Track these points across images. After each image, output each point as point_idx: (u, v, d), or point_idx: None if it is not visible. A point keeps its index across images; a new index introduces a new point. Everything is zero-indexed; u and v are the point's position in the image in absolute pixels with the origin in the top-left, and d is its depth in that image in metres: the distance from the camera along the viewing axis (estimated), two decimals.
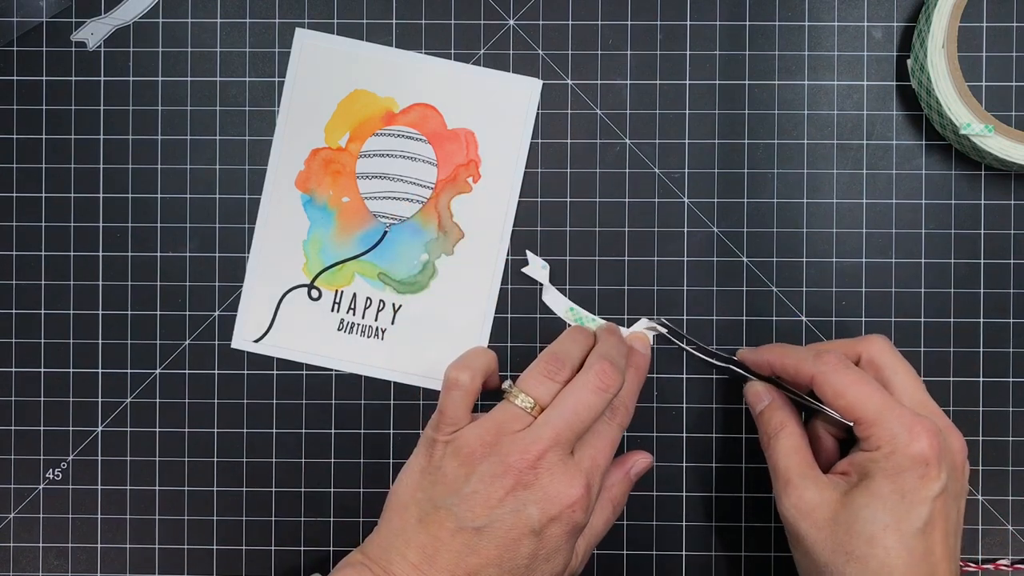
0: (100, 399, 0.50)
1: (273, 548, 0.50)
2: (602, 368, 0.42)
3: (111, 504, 0.50)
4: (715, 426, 0.49)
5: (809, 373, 0.42)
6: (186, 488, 0.50)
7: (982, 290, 0.49)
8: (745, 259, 0.49)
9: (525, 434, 0.41)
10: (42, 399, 0.50)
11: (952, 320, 0.49)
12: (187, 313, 0.50)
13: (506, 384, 0.43)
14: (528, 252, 0.49)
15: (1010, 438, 0.49)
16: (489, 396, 0.45)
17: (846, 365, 0.42)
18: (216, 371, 0.50)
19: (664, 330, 0.48)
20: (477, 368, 0.43)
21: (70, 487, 0.50)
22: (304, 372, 0.50)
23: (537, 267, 0.49)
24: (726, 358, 0.48)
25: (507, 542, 0.40)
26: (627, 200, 0.49)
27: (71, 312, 0.50)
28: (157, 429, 0.50)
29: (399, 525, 0.41)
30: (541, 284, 0.49)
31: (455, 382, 0.42)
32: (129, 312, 0.50)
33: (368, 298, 0.50)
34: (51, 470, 0.50)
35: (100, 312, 0.50)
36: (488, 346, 0.49)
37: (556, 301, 0.49)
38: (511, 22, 0.49)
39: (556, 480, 0.40)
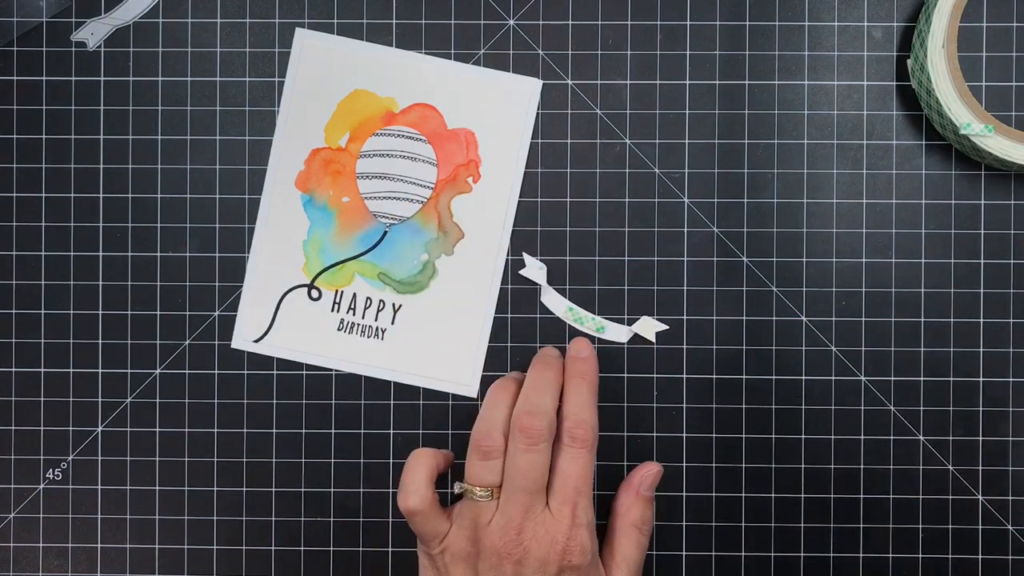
0: (100, 399, 0.50)
1: (273, 548, 0.50)
2: (522, 427, 0.43)
3: (111, 504, 0.50)
4: (715, 426, 0.49)
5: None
6: (186, 488, 0.50)
7: (982, 290, 0.49)
8: (745, 259, 0.49)
9: (497, 521, 0.43)
10: (42, 399, 0.50)
11: (952, 320, 0.49)
12: (187, 313, 0.50)
13: (457, 487, 0.44)
14: (525, 254, 0.49)
15: (1010, 438, 0.49)
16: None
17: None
18: (216, 371, 0.50)
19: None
20: (422, 485, 0.44)
21: (70, 487, 0.50)
22: (304, 372, 0.50)
23: (534, 268, 0.49)
24: None
25: None
26: (627, 200, 0.49)
27: (71, 312, 0.50)
28: (157, 429, 0.50)
29: None
30: (539, 285, 0.49)
31: (409, 512, 0.43)
32: (129, 312, 0.50)
33: (368, 298, 0.50)
34: (51, 470, 0.50)
35: (100, 312, 0.50)
36: (488, 346, 0.49)
37: (554, 302, 0.49)
38: (511, 22, 0.49)
39: (540, 540, 0.42)
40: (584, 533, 0.43)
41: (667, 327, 0.49)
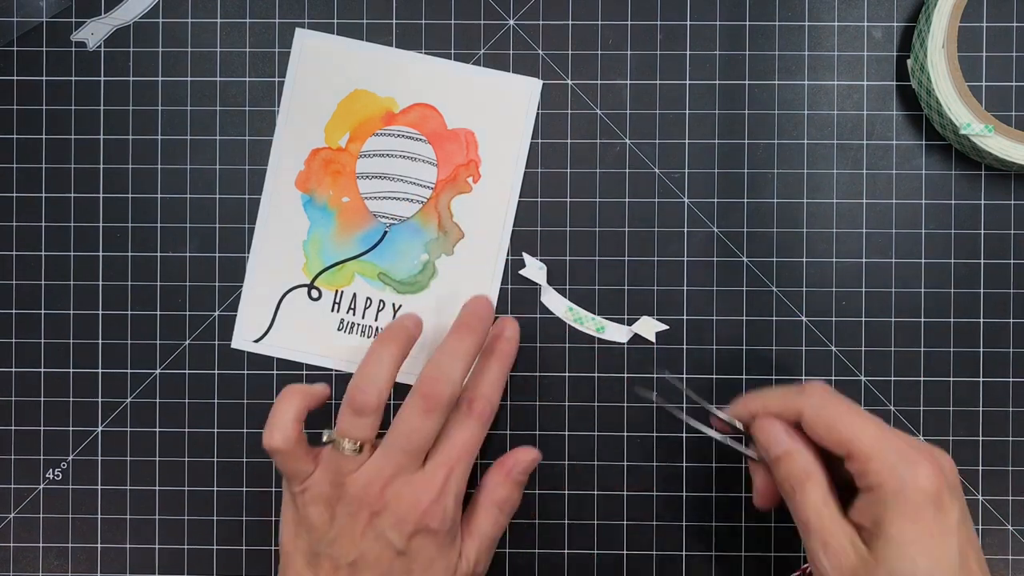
0: (100, 399, 0.50)
1: (273, 548, 0.50)
2: (424, 392, 0.42)
3: (111, 504, 0.50)
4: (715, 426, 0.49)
5: (797, 409, 0.40)
6: (186, 488, 0.50)
7: (982, 290, 0.49)
8: (745, 259, 0.49)
9: (366, 470, 0.42)
10: (42, 399, 0.50)
11: (952, 320, 0.49)
12: (187, 313, 0.50)
13: (325, 435, 0.43)
14: (524, 254, 0.49)
15: (1010, 438, 0.49)
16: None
17: (834, 395, 0.40)
18: (216, 371, 0.50)
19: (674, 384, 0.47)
20: (287, 423, 0.43)
21: (70, 487, 0.50)
22: (304, 372, 0.50)
23: (534, 268, 0.49)
24: (724, 421, 0.44)
25: (379, 568, 0.42)
26: (627, 200, 0.49)
27: (71, 312, 0.50)
28: (157, 429, 0.50)
29: (292, 572, 0.43)
30: (539, 285, 0.49)
31: (270, 449, 0.43)
32: (129, 312, 0.50)
33: (368, 298, 0.50)
34: (51, 470, 0.50)
35: (100, 312, 0.50)
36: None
37: (554, 302, 0.49)
38: (511, 22, 0.49)
39: (403, 498, 0.42)
40: (450, 501, 0.42)
41: (667, 327, 0.49)
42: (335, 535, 0.42)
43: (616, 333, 0.49)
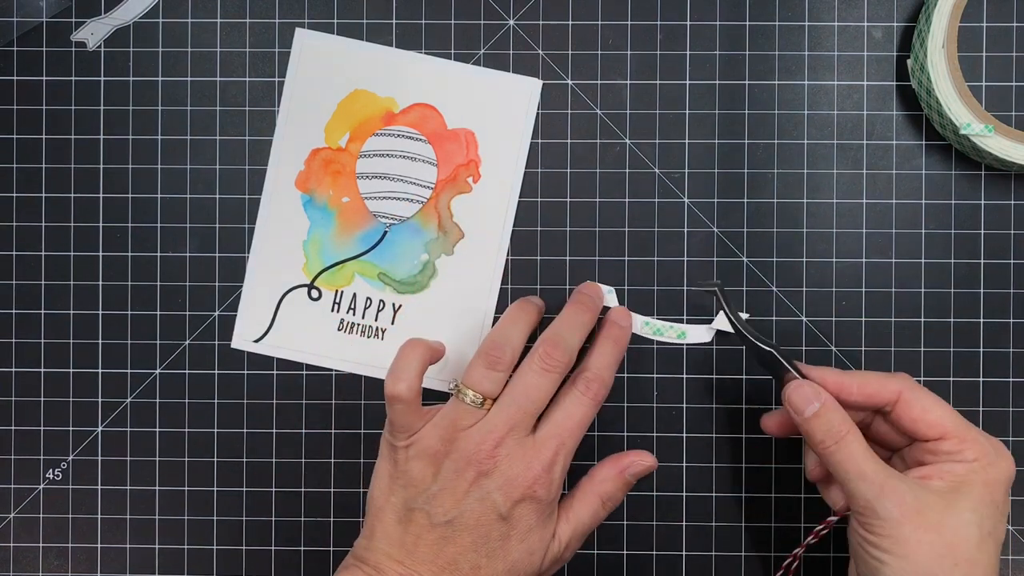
0: (100, 399, 0.50)
1: (273, 548, 0.50)
2: (545, 350, 0.44)
3: (111, 504, 0.50)
4: (715, 426, 0.49)
5: (896, 390, 0.42)
6: (186, 488, 0.50)
7: (982, 290, 0.49)
8: (745, 259, 0.49)
9: (480, 426, 0.43)
10: (42, 399, 0.50)
11: (952, 320, 0.49)
12: (187, 313, 0.50)
13: (451, 384, 0.44)
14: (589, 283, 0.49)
15: (1010, 438, 0.49)
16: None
17: (921, 386, 0.42)
18: (216, 371, 0.50)
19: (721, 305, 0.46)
20: (412, 374, 0.43)
21: (70, 487, 0.50)
22: (304, 372, 0.50)
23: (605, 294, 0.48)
24: (772, 345, 0.44)
25: (478, 529, 0.42)
26: (627, 200, 0.49)
27: (71, 312, 0.50)
28: (157, 429, 0.50)
29: (380, 528, 0.43)
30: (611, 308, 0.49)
31: (393, 397, 0.43)
32: (129, 312, 0.50)
33: (368, 298, 0.50)
34: (51, 470, 0.50)
35: (100, 312, 0.50)
36: None
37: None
38: (511, 22, 0.49)
39: (515, 463, 0.42)
40: (558, 473, 0.43)
41: (749, 315, 0.48)
42: (437, 491, 0.42)
43: (697, 335, 0.49)
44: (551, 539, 0.44)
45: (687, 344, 0.49)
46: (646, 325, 0.49)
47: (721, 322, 0.48)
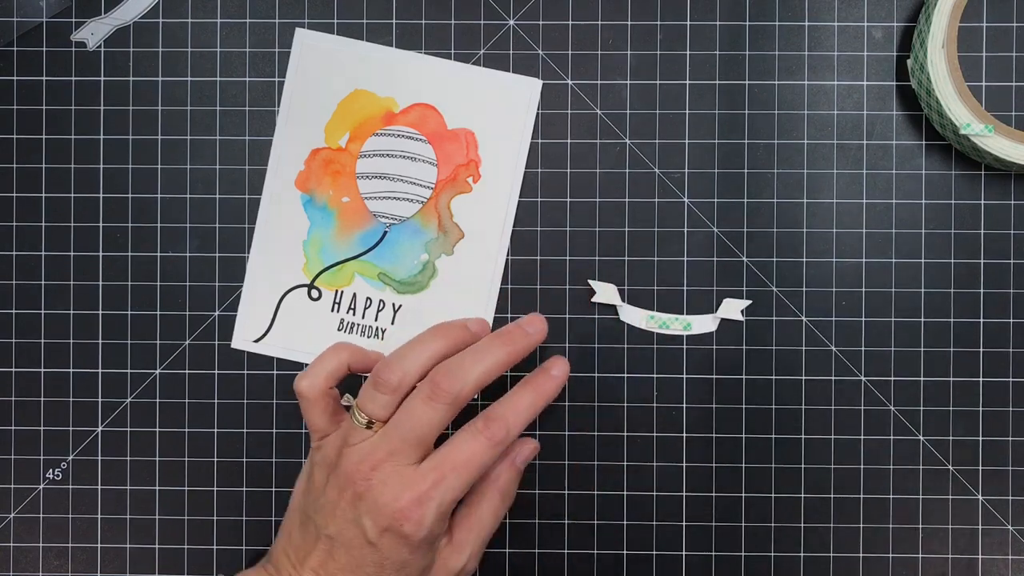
0: (100, 399, 0.50)
1: None
2: (435, 379, 0.42)
3: (111, 504, 0.50)
4: (715, 426, 0.49)
5: None
6: (186, 488, 0.50)
7: (982, 290, 0.49)
8: (745, 259, 0.49)
9: (361, 447, 0.42)
10: (42, 399, 0.50)
11: (952, 320, 0.49)
12: (187, 313, 0.50)
13: (345, 399, 0.45)
14: (591, 282, 0.48)
15: (1010, 438, 0.49)
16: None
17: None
18: (216, 371, 0.50)
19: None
20: (319, 374, 0.44)
21: (70, 487, 0.50)
22: None
23: (608, 292, 0.48)
24: None
25: (352, 552, 0.42)
26: (627, 200, 0.49)
27: (71, 312, 0.50)
28: (157, 429, 0.50)
29: (286, 529, 0.44)
30: (617, 305, 0.49)
31: (296, 390, 0.44)
32: (129, 312, 0.50)
33: (368, 298, 0.50)
34: (51, 470, 0.50)
35: (100, 312, 0.50)
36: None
37: (634, 316, 0.49)
38: (511, 22, 0.49)
39: (386, 490, 0.41)
40: (431, 509, 0.41)
41: (751, 301, 0.48)
42: (323, 503, 0.42)
43: (703, 325, 0.49)
44: (447, 552, 0.44)
45: (693, 334, 0.49)
46: (651, 319, 0.49)
47: (725, 311, 0.48)
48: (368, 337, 0.49)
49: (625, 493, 0.49)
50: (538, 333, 0.45)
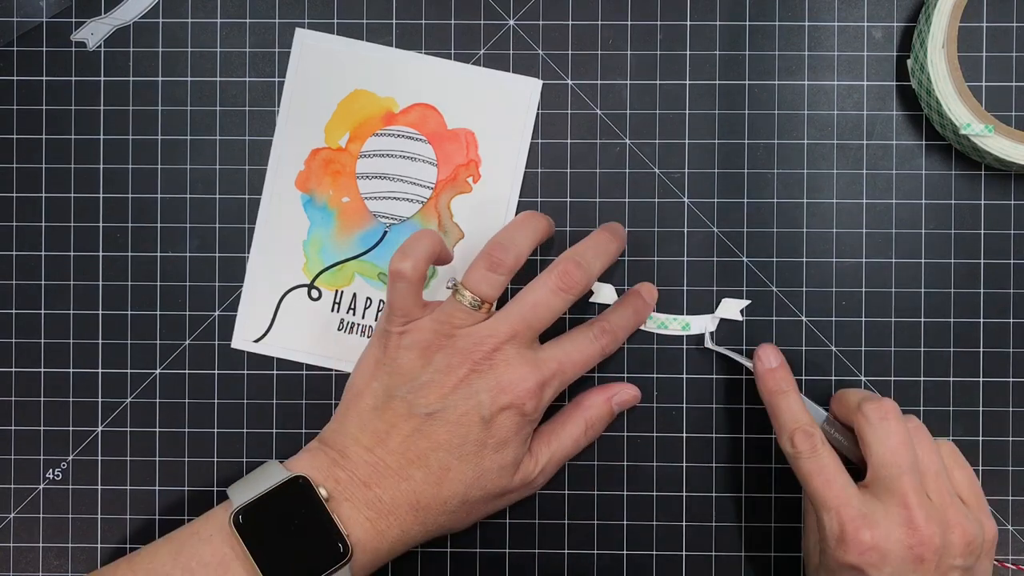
0: (100, 399, 0.50)
1: None
2: (565, 267, 0.43)
3: (111, 504, 0.50)
4: (715, 426, 0.49)
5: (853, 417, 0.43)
6: (186, 488, 0.50)
7: (982, 290, 0.49)
8: (745, 259, 0.49)
9: (482, 327, 0.42)
10: (42, 399, 0.50)
11: (952, 320, 0.49)
12: (187, 313, 0.50)
13: (449, 282, 0.44)
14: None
15: (1010, 438, 0.49)
16: None
17: (883, 418, 0.42)
18: (216, 371, 0.50)
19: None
20: (419, 255, 0.43)
21: (70, 487, 0.50)
22: (304, 372, 0.49)
23: (607, 291, 0.48)
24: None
25: (456, 427, 0.41)
26: (627, 200, 0.49)
27: (71, 312, 0.50)
28: (157, 429, 0.50)
29: (354, 412, 0.43)
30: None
31: (397, 273, 0.42)
32: (129, 312, 0.50)
33: (368, 298, 0.50)
34: (51, 470, 0.50)
35: (100, 312, 0.50)
36: None
37: None
38: (511, 22, 0.49)
39: (511, 370, 0.42)
40: (549, 394, 0.43)
41: (750, 301, 0.48)
42: (425, 381, 0.42)
43: (702, 324, 0.49)
44: (525, 459, 0.43)
45: (692, 335, 0.49)
46: (650, 319, 0.49)
47: (724, 311, 0.48)
48: (368, 337, 0.49)
49: (625, 493, 0.49)
50: (624, 235, 0.47)
